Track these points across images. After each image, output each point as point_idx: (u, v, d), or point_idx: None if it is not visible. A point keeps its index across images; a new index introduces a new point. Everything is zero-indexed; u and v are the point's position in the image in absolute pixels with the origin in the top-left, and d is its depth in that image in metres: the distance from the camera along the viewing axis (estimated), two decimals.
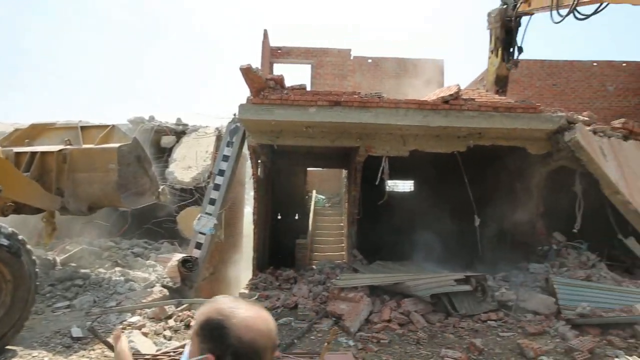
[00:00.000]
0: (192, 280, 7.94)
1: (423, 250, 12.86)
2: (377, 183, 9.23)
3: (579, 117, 9.38)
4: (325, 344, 5.72)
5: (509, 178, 11.55)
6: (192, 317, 6.52)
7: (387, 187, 12.38)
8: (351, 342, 5.99)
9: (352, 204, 10.55)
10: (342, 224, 15.05)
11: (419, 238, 13.90)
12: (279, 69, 17.58)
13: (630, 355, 5.51)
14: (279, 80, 8.42)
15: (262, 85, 8.20)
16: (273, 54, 17.37)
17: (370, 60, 18.47)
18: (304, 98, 8.22)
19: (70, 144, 7.56)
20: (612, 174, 8.60)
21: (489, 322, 6.64)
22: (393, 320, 6.56)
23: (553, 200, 10.26)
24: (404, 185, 17.03)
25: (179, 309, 6.74)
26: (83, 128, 8.09)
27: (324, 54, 17.70)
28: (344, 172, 15.22)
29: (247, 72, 7.87)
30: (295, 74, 19.71)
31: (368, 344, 5.89)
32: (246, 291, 8.62)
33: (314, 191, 16.86)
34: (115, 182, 7.47)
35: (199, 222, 8.61)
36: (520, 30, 9.79)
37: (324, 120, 8.27)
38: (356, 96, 8.40)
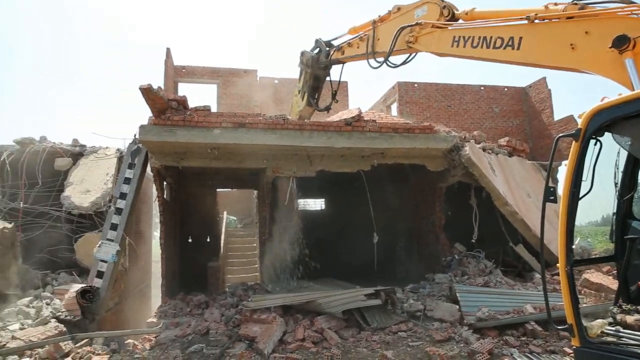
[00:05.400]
0: (93, 312, 7.38)
1: (336, 267, 13.07)
2: (286, 203, 9.28)
3: (470, 136, 10.18)
4: None
5: (413, 193, 12.20)
6: (94, 353, 6.05)
7: (299, 207, 12.48)
8: None
9: (263, 224, 10.47)
10: (255, 245, 14.87)
11: (331, 255, 14.14)
12: (184, 88, 17.18)
13: (523, 352, 5.98)
14: (182, 101, 8.20)
15: (164, 105, 7.92)
16: (177, 73, 16.93)
17: (277, 81, 18.66)
18: (207, 119, 8.06)
19: None
20: (501, 187, 9.41)
21: (399, 333, 6.86)
22: (307, 339, 6.55)
23: (453, 213, 10.98)
24: (315, 204, 17.29)
25: (77, 345, 6.21)
26: None
27: (230, 74, 17.58)
28: (255, 193, 15.12)
29: (148, 93, 7.56)
30: (202, 94, 19.35)
31: None
32: (154, 320, 8.16)
33: (225, 212, 16.53)
34: None
35: (100, 250, 8.07)
36: (335, 76, 9.18)
37: (229, 142, 8.16)
38: (261, 118, 8.40)
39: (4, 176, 11.41)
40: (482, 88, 19.50)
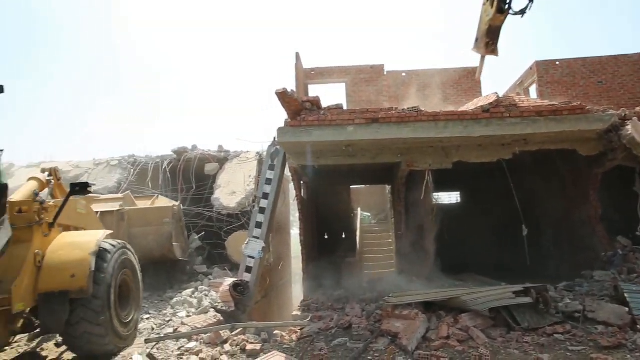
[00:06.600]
0: (244, 304, 7.97)
1: (475, 263, 12.48)
2: (422, 197, 9.05)
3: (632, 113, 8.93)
4: None
5: (561, 182, 11.11)
6: (247, 341, 6.54)
7: (434, 200, 12.13)
8: None
9: (398, 219, 10.37)
10: (390, 240, 14.83)
11: (469, 250, 13.54)
12: (313, 90, 17.74)
13: None
14: (315, 102, 8.45)
15: (298, 107, 8.25)
16: (307, 75, 17.56)
17: (404, 74, 18.34)
18: (341, 117, 8.20)
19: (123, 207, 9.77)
20: None
21: (555, 335, 6.26)
22: (452, 337, 6.31)
23: (611, 203, 9.76)
24: (450, 197, 16.69)
25: (233, 333, 6.77)
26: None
27: (357, 71, 17.74)
28: (388, 188, 15.07)
29: (283, 96, 7.95)
30: (331, 93, 19.79)
31: None
32: (298, 313, 8.56)
33: (359, 209, 16.74)
34: (170, 233, 9.79)
35: (247, 246, 8.67)
36: None
37: (363, 138, 8.21)
38: (393, 112, 8.29)
39: (166, 182, 13.00)
40: None
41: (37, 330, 5.91)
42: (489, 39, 9.39)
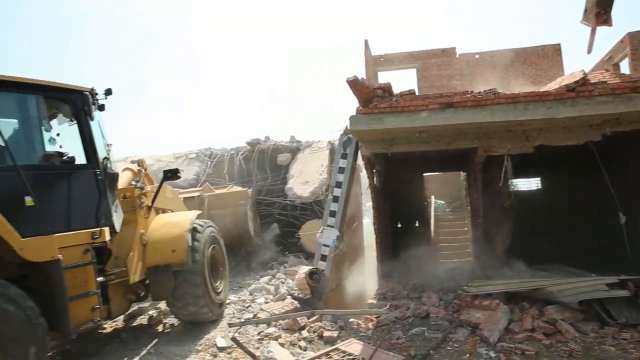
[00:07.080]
0: (320, 292, 8.08)
1: (559, 252, 11.78)
2: (500, 184, 8.64)
3: None
4: (467, 355, 5.46)
5: None
6: (324, 328, 6.62)
7: (512, 187, 11.57)
8: (492, 353, 5.62)
9: (475, 207, 10.00)
10: (465, 229, 14.39)
11: (552, 239, 12.79)
12: (383, 76, 17.48)
13: None
14: (387, 88, 8.28)
15: (370, 94, 8.11)
16: (376, 62, 17.33)
17: (477, 56, 17.56)
18: (414, 103, 7.96)
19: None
20: None
21: None
22: (537, 330, 6.04)
23: None
24: (529, 184, 15.83)
25: (310, 320, 6.88)
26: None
27: (427, 55, 17.23)
28: (463, 175, 14.59)
29: (354, 84, 7.85)
30: (401, 80, 19.32)
31: (511, 356, 5.48)
32: (374, 301, 8.54)
33: (433, 196, 16.37)
34: (245, 214, 10.63)
35: (321, 235, 8.77)
36: None
37: (437, 123, 7.90)
38: (469, 95, 7.92)
39: (241, 172, 13.46)
40: None
41: (144, 300, 6.77)
42: (600, 8, 8.64)
